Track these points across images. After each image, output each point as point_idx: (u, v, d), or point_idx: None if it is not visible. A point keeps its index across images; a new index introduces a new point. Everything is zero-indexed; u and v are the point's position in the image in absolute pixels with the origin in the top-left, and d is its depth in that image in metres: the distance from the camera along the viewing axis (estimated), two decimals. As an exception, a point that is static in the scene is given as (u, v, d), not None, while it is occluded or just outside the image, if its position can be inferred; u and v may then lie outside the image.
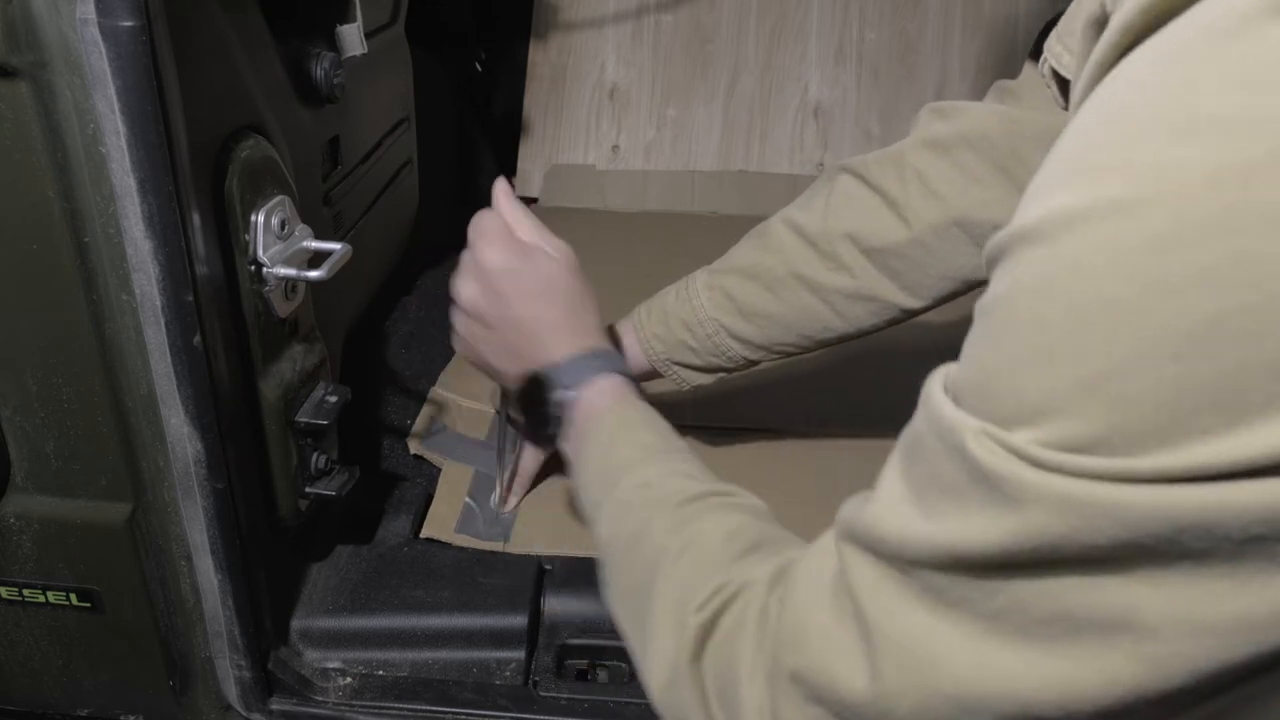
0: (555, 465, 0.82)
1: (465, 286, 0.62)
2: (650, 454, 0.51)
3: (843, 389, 0.94)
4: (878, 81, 1.46)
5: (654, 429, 0.53)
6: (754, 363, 0.73)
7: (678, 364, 0.73)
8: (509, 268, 0.60)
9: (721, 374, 0.74)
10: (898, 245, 0.64)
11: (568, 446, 0.57)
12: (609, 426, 0.54)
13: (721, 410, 0.89)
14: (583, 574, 0.71)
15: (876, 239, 0.65)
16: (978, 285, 0.65)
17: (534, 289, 0.60)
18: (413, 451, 0.85)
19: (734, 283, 0.70)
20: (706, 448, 0.87)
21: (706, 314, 0.71)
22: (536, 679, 0.65)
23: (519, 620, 0.66)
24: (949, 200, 0.63)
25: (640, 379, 0.76)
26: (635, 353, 0.74)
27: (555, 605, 0.69)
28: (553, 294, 0.61)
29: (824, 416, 0.91)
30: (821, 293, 0.67)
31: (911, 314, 0.68)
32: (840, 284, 0.67)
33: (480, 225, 0.63)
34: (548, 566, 0.72)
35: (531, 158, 1.46)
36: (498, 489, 0.79)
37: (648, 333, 0.74)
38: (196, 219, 0.50)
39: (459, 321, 0.64)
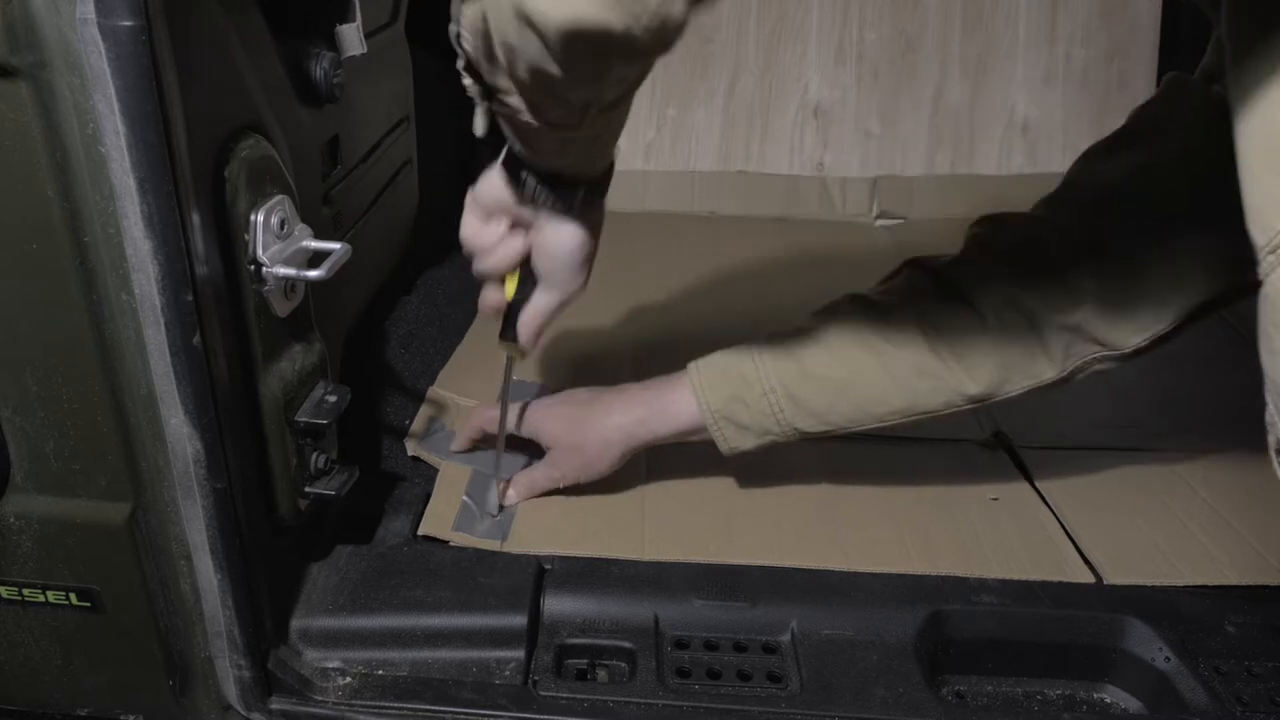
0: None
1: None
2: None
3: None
4: (878, 81, 1.46)
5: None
6: (802, 434, 0.73)
7: (726, 419, 0.73)
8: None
9: (768, 441, 0.74)
10: (963, 326, 0.67)
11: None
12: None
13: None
14: (582, 574, 0.71)
15: (944, 321, 0.68)
16: (1033, 383, 0.68)
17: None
18: (410, 452, 0.85)
19: (797, 345, 0.71)
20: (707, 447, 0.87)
21: (768, 369, 0.71)
22: (536, 679, 0.65)
23: (518, 620, 0.66)
24: (1007, 289, 0.66)
25: (688, 434, 0.76)
26: (689, 405, 0.74)
27: (555, 605, 0.69)
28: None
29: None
30: (884, 359, 0.69)
31: (968, 399, 0.69)
32: (904, 356, 0.68)
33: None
34: (547, 566, 0.72)
35: (531, 158, 1.46)
36: (493, 490, 0.79)
37: (703, 380, 0.73)
38: (196, 219, 0.51)
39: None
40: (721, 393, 0.72)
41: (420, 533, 0.75)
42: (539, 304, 0.69)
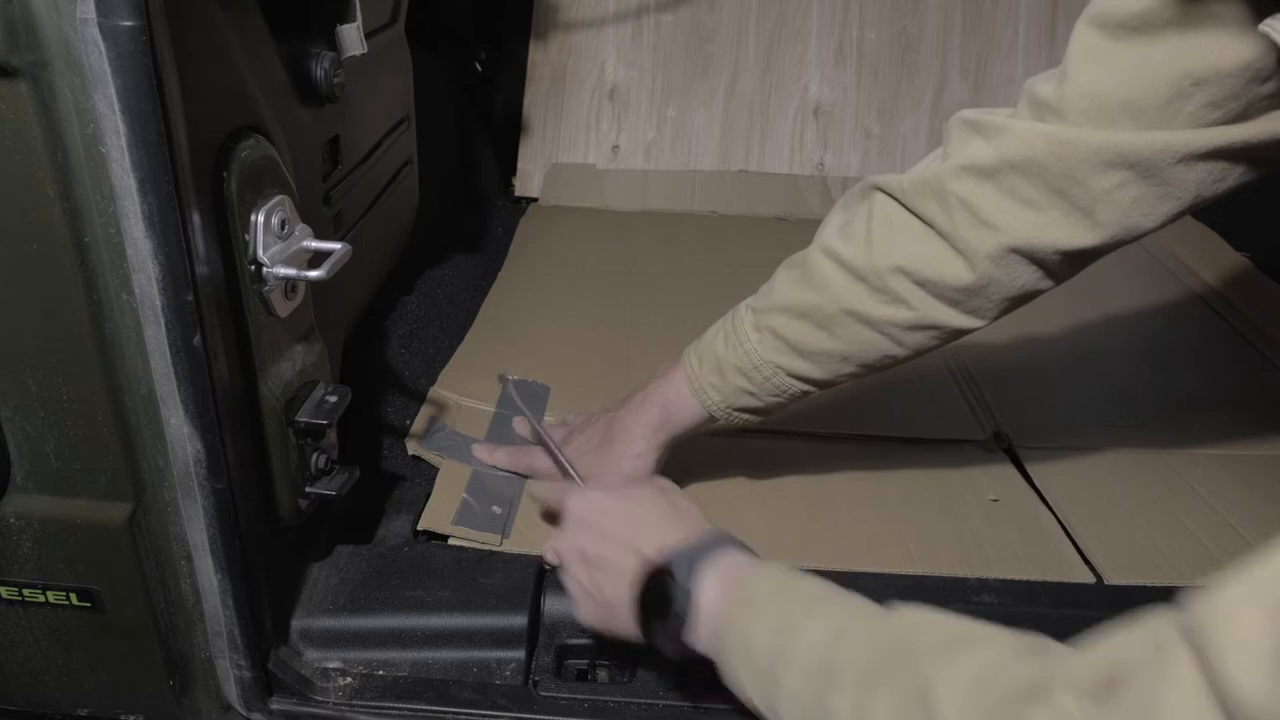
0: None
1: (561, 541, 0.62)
2: (818, 601, 0.50)
3: (843, 388, 0.94)
4: (878, 81, 1.46)
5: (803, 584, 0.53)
6: (811, 393, 0.72)
7: (738, 410, 0.73)
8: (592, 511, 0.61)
9: (783, 407, 0.73)
10: (955, 276, 0.62)
11: (702, 636, 0.54)
12: (759, 599, 0.52)
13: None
14: (583, 574, 0.71)
15: (931, 271, 0.62)
16: (1037, 296, 0.64)
17: (626, 514, 0.60)
18: (411, 452, 0.85)
19: (782, 322, 0.68)
20: (707, 448, 0.87)
21: (761, 357, 0.69)
22: (536, 679, 0.65)
23: (519, 620, 0.66)
24: (1002, 228, 0.60)
25: (697, 428, 0.75)
26: (690, 404, 0.73)
27: (555, 605, 0.69)
28: (647, 510, 0.60)
29: (823, 416, 0.91)
30: (878, 326, 0.66)
31: (973, 332, 0.66)
32: (898, 317, 0.65)
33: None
34: (548, 566, 0.72)
35: (531, 158, 1.46)
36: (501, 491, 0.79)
37: (702, 383, 0.72)
38: (196, 219, 0.51)
39: (569, 582, 0.62)
40: (724, 391, 0.72)
41: (420, 527, 0.75)
42: None
